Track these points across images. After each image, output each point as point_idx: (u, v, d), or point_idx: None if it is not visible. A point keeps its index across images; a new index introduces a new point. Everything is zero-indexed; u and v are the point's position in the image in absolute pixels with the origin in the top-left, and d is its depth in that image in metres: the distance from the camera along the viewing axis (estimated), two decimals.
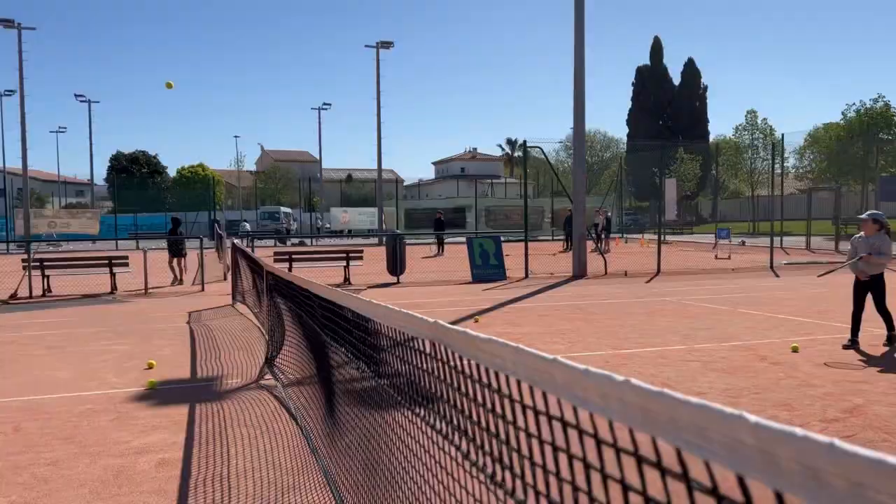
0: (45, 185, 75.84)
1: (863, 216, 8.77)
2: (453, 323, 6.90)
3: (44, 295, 16.08)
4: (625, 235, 41.86)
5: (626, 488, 1.08)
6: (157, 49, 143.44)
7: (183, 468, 4.79)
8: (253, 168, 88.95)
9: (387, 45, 42.20)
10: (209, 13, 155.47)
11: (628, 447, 1.08)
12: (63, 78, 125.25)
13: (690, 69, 67.92)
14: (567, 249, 29.24)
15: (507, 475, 1.57)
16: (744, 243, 33.07)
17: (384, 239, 34.02)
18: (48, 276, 16.53)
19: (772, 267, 20.54)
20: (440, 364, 1.97)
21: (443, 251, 29.52)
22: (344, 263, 18.21)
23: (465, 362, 1.71)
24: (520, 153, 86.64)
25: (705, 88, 68.69)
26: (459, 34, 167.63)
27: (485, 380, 1.63)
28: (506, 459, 1.57)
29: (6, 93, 49.49)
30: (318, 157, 60.78)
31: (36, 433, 5.63)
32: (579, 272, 18.90)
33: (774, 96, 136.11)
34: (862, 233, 8.54)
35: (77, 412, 6.23)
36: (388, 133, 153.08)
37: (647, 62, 69.21)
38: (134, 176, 69.00)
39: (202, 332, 10.79)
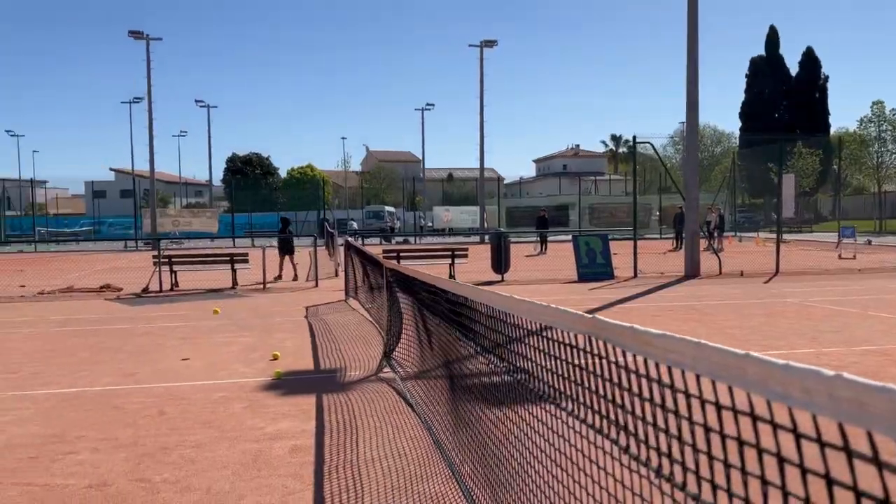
0: (167, 186, 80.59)
1: None
2: (548, 327, 6.83)
3: (171, 289, 17.14)
4: (738, 234, 40.18)
5: (830, 482, 1.08)
6: (269, 56, 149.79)
7: (315, 455, 5.03)
8: (358, 168, 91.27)
9: (490, 43, 42.29)
10: (316, 18, 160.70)
11: (834, 441, 1.08)
12: (184, 85, 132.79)
13: (809, 59, 64.31)
14: (677, 248, 28.38)
15: (678, 469, 1.58)
16: (870, 242, 31.08)
17: (486, 237, 34.16)
18: (175, 272, 17.61)
19: None
20: (596, 359, 1.99)
21: (545, 250, 29.30)
22: (449, 261, 18.42)
23: (631, 357, 1.73)
24: (624, 149, 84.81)
25: (826, 79, 64.85)
26: (562, 30, 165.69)
27: (653, 374, 1.65)
28: (675, 454, 1.58)
29: (135, 100, 52.94)
30: (420, 157, 61.73)
31: (178, 417, 6.05)
32: (692, 271, 18.31)
33: None
34: None
35: (213, 399, 6.64)
36: (489, 131, 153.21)
37: (762, 52, 66.07)
38: (248, 177, 72.35)
39: (319, 326, 11.22)
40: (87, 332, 10.83)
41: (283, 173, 79.41)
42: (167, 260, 17.63)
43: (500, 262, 18.28)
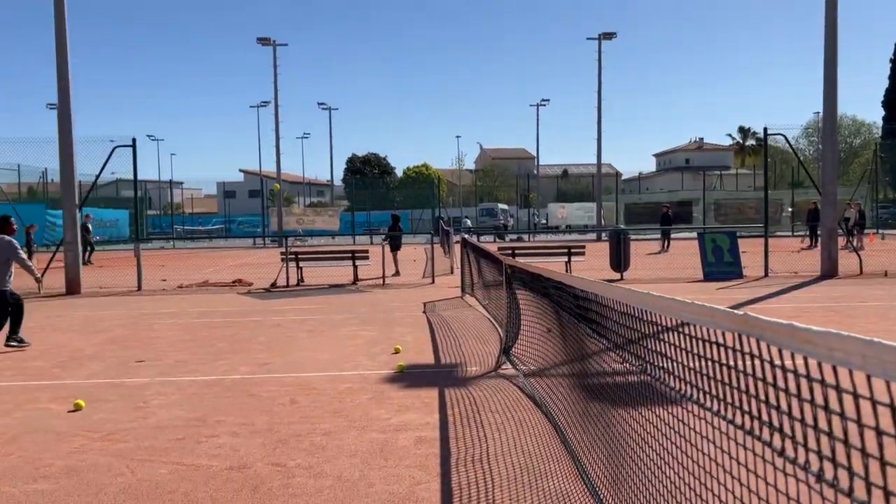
0: (291, 186, 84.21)
1: None
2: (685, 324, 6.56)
3: (298, 284, 17.91)
4: (881, 231, 37.31)
5: None
6: (386, 58, 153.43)
7: (441, 447, 5.11)
8: (473, 166, 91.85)
9: (609, 36, 41.38)
10: (432, 17, 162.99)
11: None
12: (307, 88, 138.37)
13: None
14: (811, 246, 26.72)
15: (843, 474, 1.49)
16: None
17: (603, 234, 33.44)
18: (301, 268, 18.40)
19: None
20: (747, 357, 1.91)
21: (668, 247, 28.32)
22: (566, 259, 18.19)
23: (788, 357, 1.65)
24: (752, 142, 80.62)
25: None
26: (682, 19, 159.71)
27: (815, 374, 1.56)
28: (841, 458, 1.49)
29: (262, 104, 55.66)
30: (534, 154, 61.32)
31: (308, 406, 6.31)
32: (829, 271, 17.17)
33: None
34: None
35: (340, 390, 6.88)
36: (607, 126, 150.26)
37: None
38: (366, 176, 74.46)
39: (437, 322, 11.38)
40: (224, 324, 11.50)
41: (399, 172, 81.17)
42: (294, 256, 18.42)
43: (620, 260, 17.86)
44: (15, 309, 9.50)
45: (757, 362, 1.84)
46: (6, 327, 9.49)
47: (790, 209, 41.16)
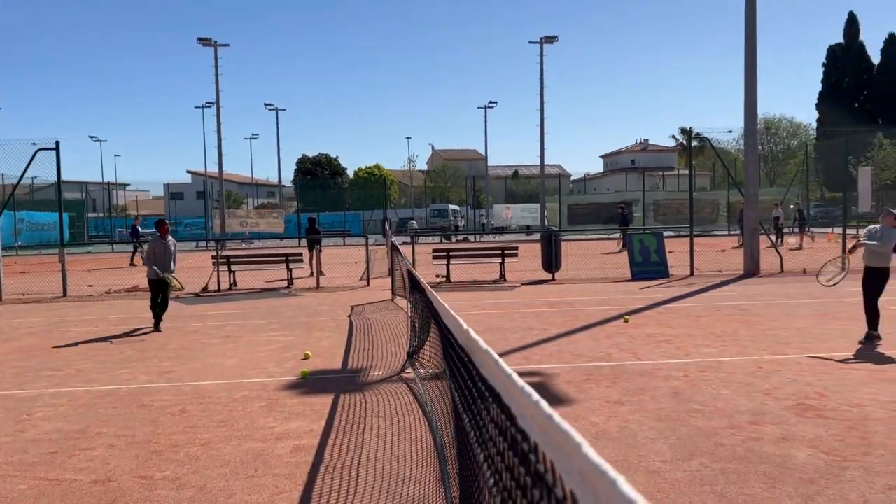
0: (241, 187, 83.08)
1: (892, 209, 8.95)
2: (600, 323, 6.87)
3: (230, 288, 17.69)
4: (811, 229, 38.50)
5: None
6: (333, 58, 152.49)
7: (315, 454, 5.13)
8: (424, 167, 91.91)
9: (550, 39, 41.88)
10: (381, 19, 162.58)
11: None
12: (257, 89, 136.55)
13: (891, 45, 60.98)
14: (742, 245, 27.45)
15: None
16: None
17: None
18: (234, 272, 18.18)
19: None
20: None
21: (626, 246, 28.65)
22: (500, 260, 18.35)
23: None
24: (696, 143, 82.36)
25: None
26: (628, 22, 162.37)
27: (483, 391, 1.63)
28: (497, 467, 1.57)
29: (207, 104, 54.77)
30: (485, 155, 61.64)
31: (197, 415, 6.27)
32: (751, 270, 17.69)
33: None
34: (879, 224, 8.86)
35: (235, 398, 6.84)
36: (556, 127, 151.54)
37: (841, 40, 63.10)
38: (317, 177, 73.86)
39: (360, 325, 11.39)
40: (140, 331, 11.30)
41: (352, 174, 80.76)
42: (225, 260, 18.20)
43: (552, 261, 18.11)
44: None
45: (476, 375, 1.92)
46: None
47: (726, 209, 42.20)
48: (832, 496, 4.11)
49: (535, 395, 1.25)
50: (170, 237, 11.90)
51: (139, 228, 27.31)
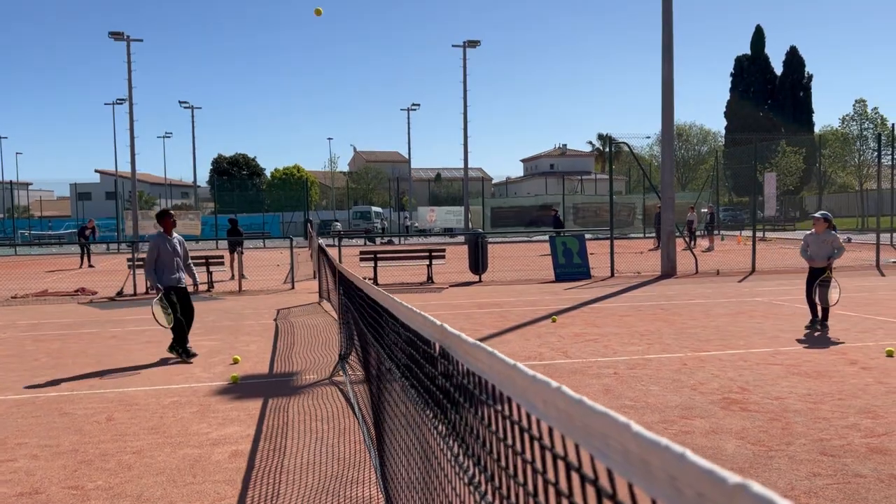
0: (153, 187, 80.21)
1: (816, 215, 10.15)
2: (529, 323, 7.01)
3: (147, 292, 17.06)
4: (720, 232, 40.34)
5: (559, 493, 1.09)
6: (253, 56, 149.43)
7: (254, 459, 5.03)
8: (346, 169, 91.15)
9: (473, 43, 42.34)
10: (300, 19, 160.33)
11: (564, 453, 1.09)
12: (171, 86, 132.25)
13: (793, 58, 64.62)
14: (658, 247, 28.48)
15: (483, 477, 1.60)
16: (850, 240, 31.20)
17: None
18: None
19: (878, 265, 19.34)
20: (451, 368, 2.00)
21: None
22: (427, 262, 18.42)
23: (464, 367, 1.75)
24: (615, 148, 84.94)
25: (810, 77, 65.19)
26: (549, 31, 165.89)
27: (469, 385, 1.66)
28: (484, 461, 1.60)
29: (118, 101, 52.64)
30: (408, 157, 61.69)
31: (126, 423, 6.03)
32: (668, 271, 18.39)
33: (886, 85, 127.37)
34: (814, 230, 9.99)
35: (164, 404, 6.62)
36: (478, 131, 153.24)
37: (748, 51, 66.41)
38: (234, 178, 72.10)
39: (286, 329, 11.21)
40: (54, 337, 10.78)
41: (270, 174, 79.20)
42: (141, 263, 17.53)
43: (478, 263, 18.31)
44: None
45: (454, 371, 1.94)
46: None
47: (642, 212, 43.71)
48: (762, 484, 4.33)
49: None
50: (176, 234, 9.34)
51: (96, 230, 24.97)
